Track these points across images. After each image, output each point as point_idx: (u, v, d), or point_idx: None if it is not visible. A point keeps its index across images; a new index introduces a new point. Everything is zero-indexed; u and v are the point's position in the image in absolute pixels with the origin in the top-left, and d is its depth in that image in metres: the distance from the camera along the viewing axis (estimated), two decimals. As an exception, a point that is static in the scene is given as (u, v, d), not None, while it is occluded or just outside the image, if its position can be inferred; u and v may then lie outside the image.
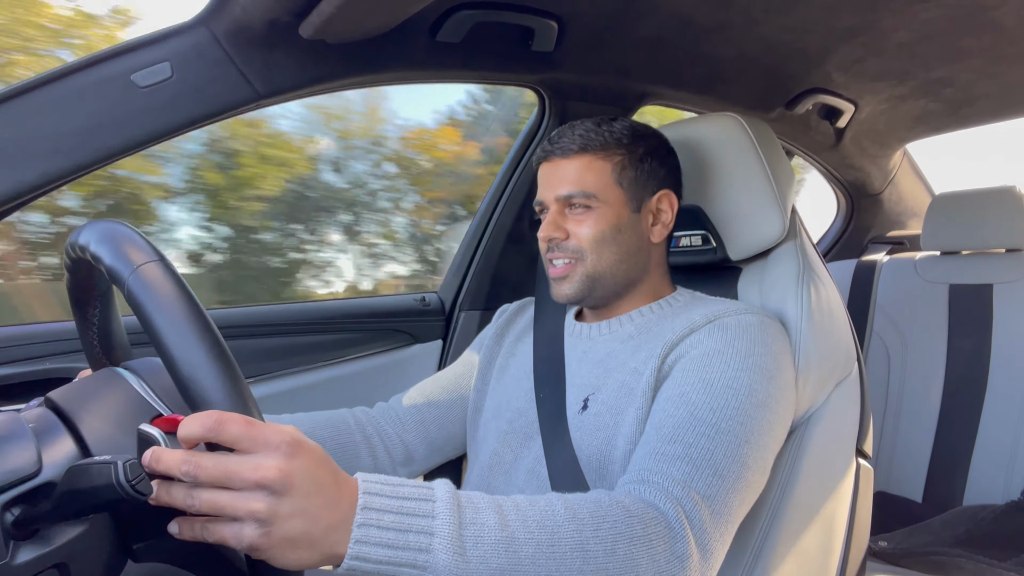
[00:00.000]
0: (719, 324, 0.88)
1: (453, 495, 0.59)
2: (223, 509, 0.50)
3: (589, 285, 0.96)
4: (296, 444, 0.52)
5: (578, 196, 0.95)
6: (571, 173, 0.96)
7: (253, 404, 0.53)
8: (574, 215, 0.96)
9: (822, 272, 1.01)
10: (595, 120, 0.99)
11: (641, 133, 0.99)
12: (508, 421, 1.00)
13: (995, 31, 1.35)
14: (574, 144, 0.97)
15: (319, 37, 1.05)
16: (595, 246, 0.95)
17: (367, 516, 0.54)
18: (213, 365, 0.51)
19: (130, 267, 0.54)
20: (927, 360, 1.88)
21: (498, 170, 1.62)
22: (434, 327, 1.59)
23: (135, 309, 0.53)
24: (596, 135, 0.97)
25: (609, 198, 0.96)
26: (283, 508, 0.50)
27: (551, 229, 0.96)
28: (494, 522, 0.59)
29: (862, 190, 2.26)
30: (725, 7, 1.25)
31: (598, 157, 0.96)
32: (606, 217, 0.95)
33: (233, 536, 0.50)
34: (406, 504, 0.56)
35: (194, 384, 0.51)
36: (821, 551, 0.95)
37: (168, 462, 0.50)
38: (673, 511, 0.69)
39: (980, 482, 1.75)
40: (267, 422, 0.53)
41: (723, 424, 0.78)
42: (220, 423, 0.50)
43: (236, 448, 0.50)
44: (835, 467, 0.97)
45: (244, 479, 0.50)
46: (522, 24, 1.23)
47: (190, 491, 0.51)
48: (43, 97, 0.90)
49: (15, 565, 0.51)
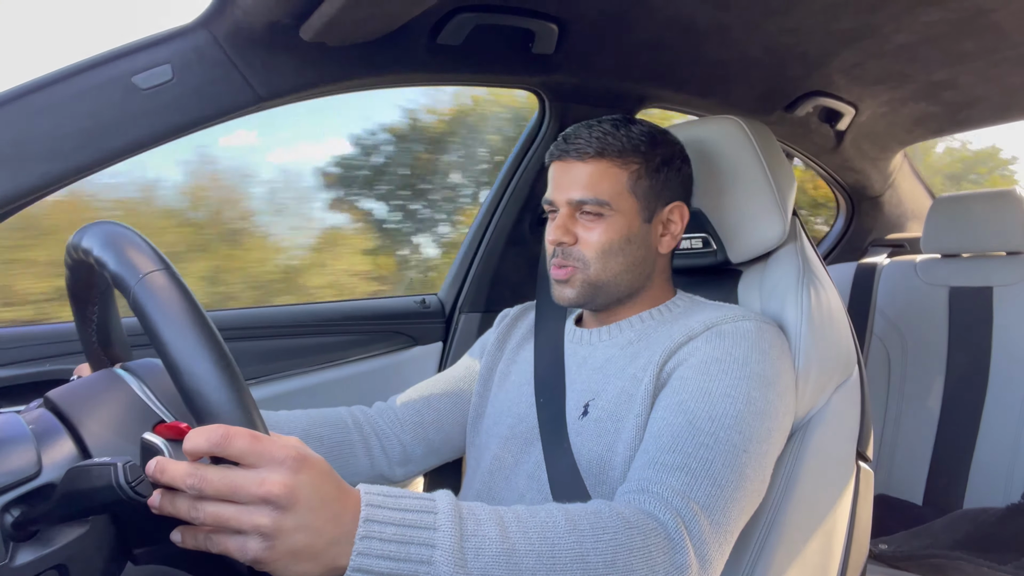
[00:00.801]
0: (717, 331, 0.87)
1: (455, 507, 0.59)
2: (227, 522, 0.50)
3: (592, 292, 0.96)
4: (301, 459, 0.52)
5: (591, 203, 0.93)
6: (585, 177, 0.93)
7: (258, 417, 0.53)
8: (584, 220, 0.94)
9: (822, 275, 1.01)
10: (612, 121, 0.96)
11: (659, 140, 0.97)
12: (509, 427, 0.99)
13: (995, 34, 1.35)
14: (591, 147, 0.94)
15: (320, 40, 1.05)
16: (602, 255, 0.94)
17: (369, 529, 0.54)
18: (219, 378, 0.52)
19: (136, 275, 0.54)
20: (927, 363, 1.88)
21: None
22: (434, 329, 1.59)
23: (140, 318, 0.53)
24: (614, 139, 0.94)
25: (622, 207, 0.94)
26: (287, 522, 0.51)
27: (560, 233, 0.94)
28: (495, 534, 0.59)
29: (862, 193, 2.26)
30: (725, 10, 1.25)
31: (614, 164, 0.94)
32: (617, 226, 0.93)
33: (237, 549, 0.51)
34: (408, 516, 0.56)
35: (200, 397, 0.51)
36: (821, 554, 0.95)
37: (173, 474, 0.50)
38: (672, 522, 0.69)
39: (981, 485, 1.75)
40: (272, 435, 0.53)
41: (721, 433, 0.77)
42: (226, 438, 0.50)
43: (242, 463, 0.51)
44: (835, 470, 0.97)
45: (249, 494, 0.50)
46: (522, 27, 1.23)
47: (194, 503, 0.51)
48: (44, 99, 0.90)
49: (15, 567, 0.51)
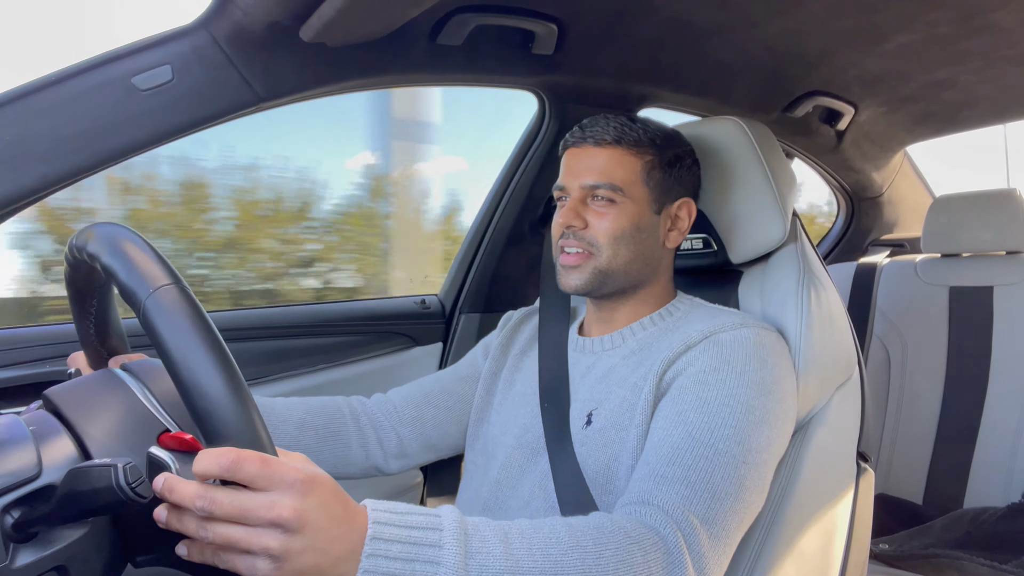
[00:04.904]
0: (714, 340, 0.87)
1: (460, 524, 0.60)
2: (236, 543, 0.51)
3: (599, 280, 0.95)
4: (310, 481, 0.52)
5: (604, 187, 0.94)
6: (601, 163, 0.95)
7: (267, 438, 0.53)
8: (596, 206, 0.95)
9: (822, 275, 1.01)
10: (628, 116, 0.99)
11: (673, 138, 1.00)
12: (515, 436, 0.99)
13: (995, 33, 1.35)
14: (608, 134, 0.95)
15: (319, 40, 1.05)
16: (612, 242, 0.94)
17: (375, 546, 0.55)
18: (231, 400, 0.52)
19: (146, 289, 0.54)
20: (927, 362, 1.88)
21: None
22: (434, 330, 1.59)
23: (150, 333, 0.53)
24: (631, 130, 0.96)
25: (635, 195, 0.95)
26: (296, 544, 0.51)
27: (571, 216, 0.94)
28: (499, 551, 0.60)
29: (862, 192, 2.26)
30: (725, 10, 1.25)
31: (630, 152, 0.95)
32: (628, 214, 0.94)
33: (246, 568, 0.51)
34: (413, 534, 0.57)
35: (211, 418, 0.52)
36: (822, 554, 0.95)
37: (183, 494, 0.51)
38: (672, 536, 0.69)
39: (981, 484, 1.75)
40: (280, 454, 0.54)
41: (720, 444, 0.78)
42: (237, 463, 0.50)
43: (251, 486, 0.51)
44: (836, 470, 0.97)
45: (259, 518, 0.50)
46: (522, 27, 1.23)
47: (203, 523, 0.51)
48: (43, 100, 0.90)
49: (15, 568, 0.51)
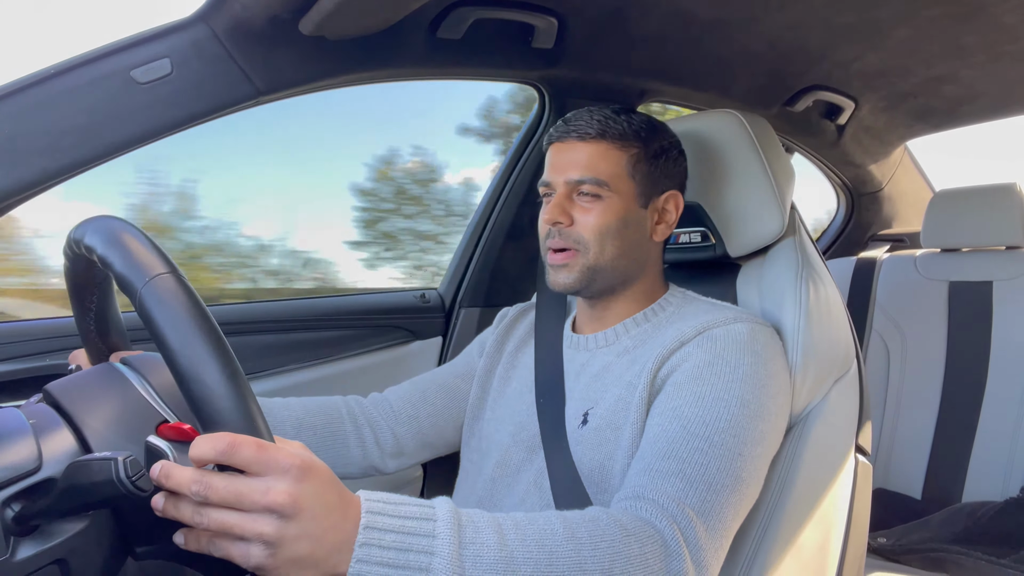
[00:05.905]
0: (708, 335, 0.87)
1: (454, 514, 0.60)
2: (231, 529, 0.51)
3: (588, 277, 0.94)
4: (306, 467, 0.53)
5: (589, 182, 0.92)
6: (585, 158, 0.93)
7: (264, 424, 0.53)
8: (582, 202, 0.93)
9: (821, 269, 1.01)
10: (613, 108, 0.97)
11: (658, 130, 0.98)
12: (511, 434, 0.99)
13: (996, 28, 1.34)
14: (592, 128, 0.93)
15: (319, 33, 1.05)
16: (599, 238, 0.93)
17: (369, 536, 0.55)
18: (226, 386, 0.52)
19: (142, 278, 0.54)
20: (926, 357, 1.88)
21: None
22: (434, 324, 1.59)
23: (146, 322, 0.53)
24: (615, 123, 0.94)
25: (620, 189, 0.93)
26: (290, 531, 0.51)
27: (556, 213, 0.93)
28: (493, 542, 0.60)
29: (862, 187, 2.26)
30: (726, 4, 1.25)
31: (614, 146, 0.94)
32: (614, 208, 0.93)
33: (240, 555, 0.51)
34: (407, 524, 0.57)
35: (207, 404, 0.52)
36: (820, 548, 0.96)
37: (179, 480, 0.51)
38: (669, 529, 0.69)
39: (979, 479, 1.76)
40: (277, 440, 0.54)
41: (716, 438, 0.78)
42: (232, 447, 0.50)
43: (247, 471, 0.51)
44: (834, 464, 0.97)
45: (254, 503, 0.50)
46: (522, 21, 1.22)
47: (199, 509, 0.51)
48: (42, 93, 0.90)
49: (15, 561, 0.51)
